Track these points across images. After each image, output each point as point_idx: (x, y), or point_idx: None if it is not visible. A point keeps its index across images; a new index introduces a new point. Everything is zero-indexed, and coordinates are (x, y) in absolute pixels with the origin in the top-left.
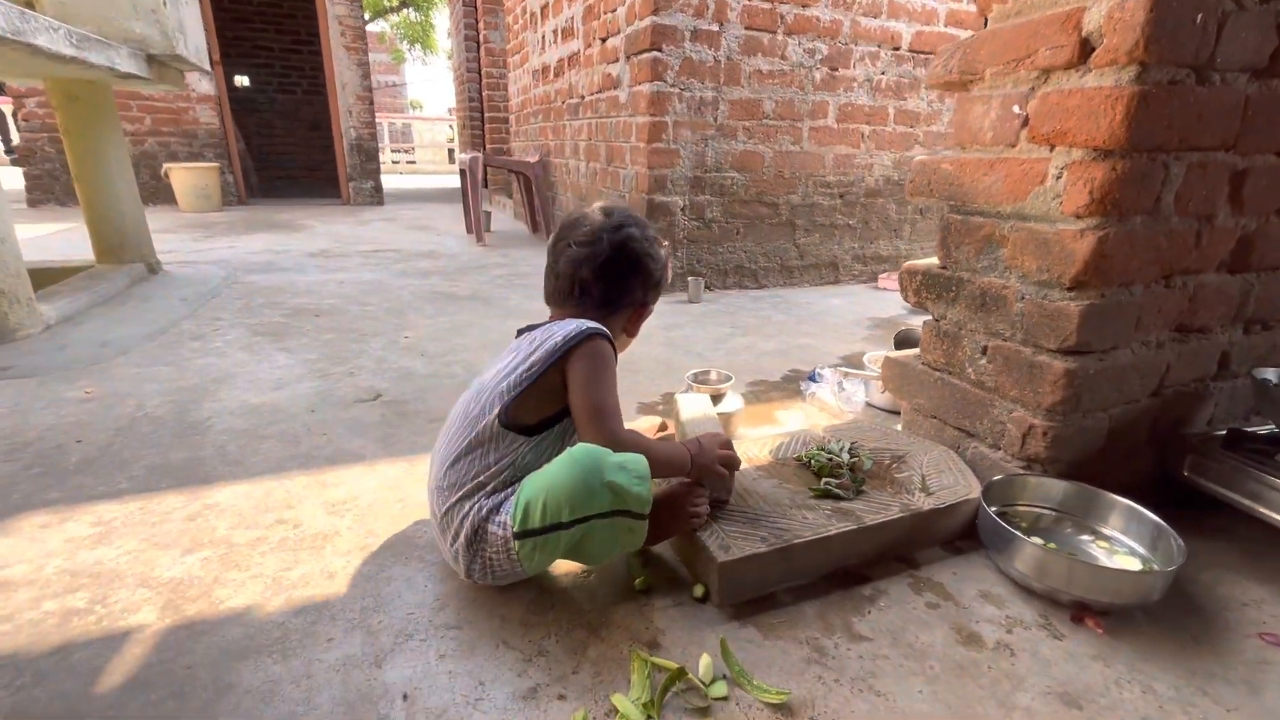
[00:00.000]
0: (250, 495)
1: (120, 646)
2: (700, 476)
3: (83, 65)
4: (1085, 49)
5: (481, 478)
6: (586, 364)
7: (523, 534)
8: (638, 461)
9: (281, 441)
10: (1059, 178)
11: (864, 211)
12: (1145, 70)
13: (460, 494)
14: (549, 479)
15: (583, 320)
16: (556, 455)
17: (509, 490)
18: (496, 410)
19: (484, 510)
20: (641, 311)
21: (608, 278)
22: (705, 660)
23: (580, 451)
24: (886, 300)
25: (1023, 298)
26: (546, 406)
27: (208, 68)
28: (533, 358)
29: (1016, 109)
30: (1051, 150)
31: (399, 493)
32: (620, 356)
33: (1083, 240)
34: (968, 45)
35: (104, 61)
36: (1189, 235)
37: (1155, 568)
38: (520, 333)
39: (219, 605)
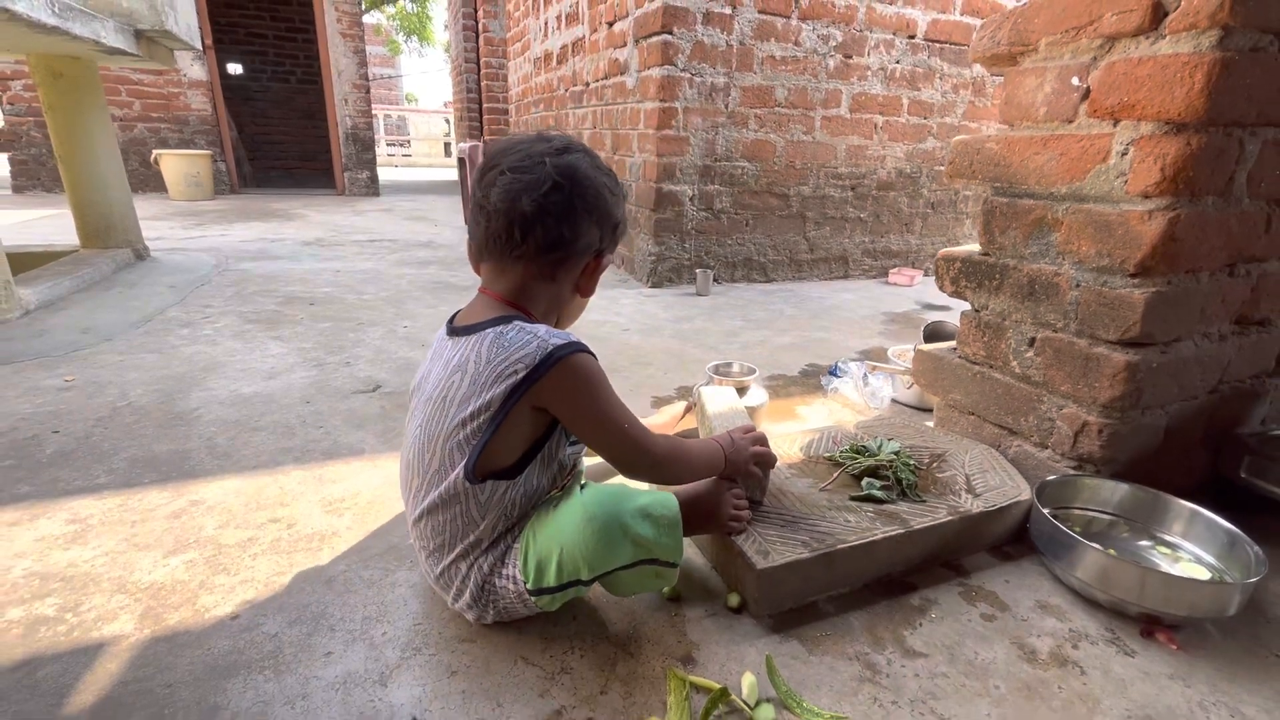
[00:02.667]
0: (240, 491)
1: (93, 661)
2: (733, 475)
3: (66, 37)
4: (1158, 13)
5: (472, 537)
6: (579, 398)
7: (538, 591)
8: (665, 505)
9: (275, 434)
10: (1124, 154)
11: (875, 205)
12: (1228, 35)
13: (453, 555)
14: (560, 536)
15: (534, 329)
16: (548, 474)
17: (509, 536)
18: (460, 467)
19: (485, 567)
20: (598, 263)
21: (555, 214)
22: (749, 680)
23: (595, 504)
24: (898, 295)
25: (1078, 285)
26: (521, 443)
27: (199, 46)
28: (489, 394)
29: (1075, 81)
30: (1116, 125)
31: None
32: (630, 349)
33: (1151, 222)
34: (1019, 14)
35: (89, 34)
36: (1259, 219)
37: (1228, 578)
38: (452, 328)
39: (204, 614)
